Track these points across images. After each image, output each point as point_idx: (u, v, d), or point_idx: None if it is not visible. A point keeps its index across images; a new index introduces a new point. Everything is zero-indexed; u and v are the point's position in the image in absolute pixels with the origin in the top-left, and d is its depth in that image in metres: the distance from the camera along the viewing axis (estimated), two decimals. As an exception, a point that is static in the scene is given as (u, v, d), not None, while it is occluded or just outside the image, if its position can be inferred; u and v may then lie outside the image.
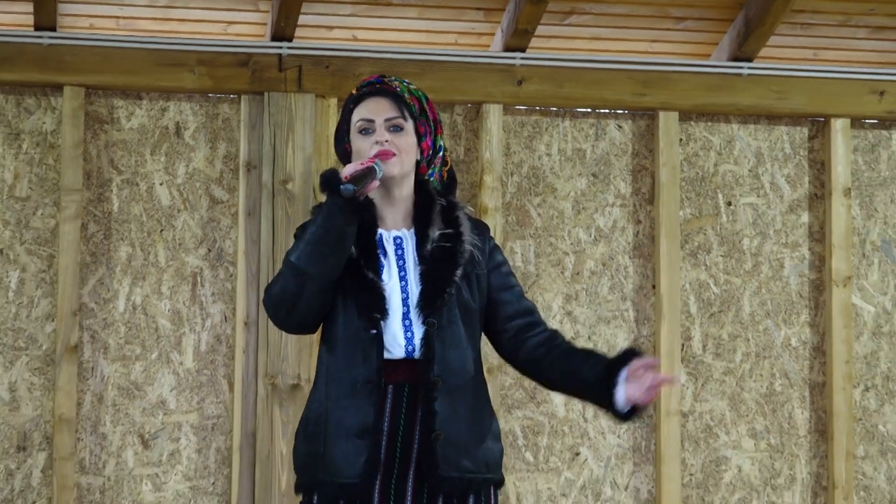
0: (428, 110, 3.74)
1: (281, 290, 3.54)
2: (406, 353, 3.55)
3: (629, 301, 5.80)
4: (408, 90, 3.73)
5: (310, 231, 3.55)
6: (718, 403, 5.80)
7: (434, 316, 3.56)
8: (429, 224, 3.66)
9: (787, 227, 5.91)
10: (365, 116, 3.65)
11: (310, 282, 3.50)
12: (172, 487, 5.44)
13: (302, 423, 3.65)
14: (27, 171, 5.47)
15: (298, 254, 3.53)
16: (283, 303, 3.54)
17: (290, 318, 3.58)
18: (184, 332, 5.50)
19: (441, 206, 3.71)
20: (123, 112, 5.54)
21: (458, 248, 3.64)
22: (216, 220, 5.55)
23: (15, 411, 5.37)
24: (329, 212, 3.50)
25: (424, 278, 3.59)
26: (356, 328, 3.56)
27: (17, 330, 5.39)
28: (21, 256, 5.42)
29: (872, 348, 5.93)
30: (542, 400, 5.70)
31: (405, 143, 3.63)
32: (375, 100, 3.67)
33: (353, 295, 3.56)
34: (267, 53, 5.56)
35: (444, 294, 3.57)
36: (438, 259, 3.61)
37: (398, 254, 3.63)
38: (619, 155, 5.84)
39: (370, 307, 3.54)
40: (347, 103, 3.73)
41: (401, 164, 3.63)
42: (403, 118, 3.65)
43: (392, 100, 3.66)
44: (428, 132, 3.74)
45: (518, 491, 5.65)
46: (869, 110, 5.94)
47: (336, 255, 3.52)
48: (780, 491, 5.82)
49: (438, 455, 3.52)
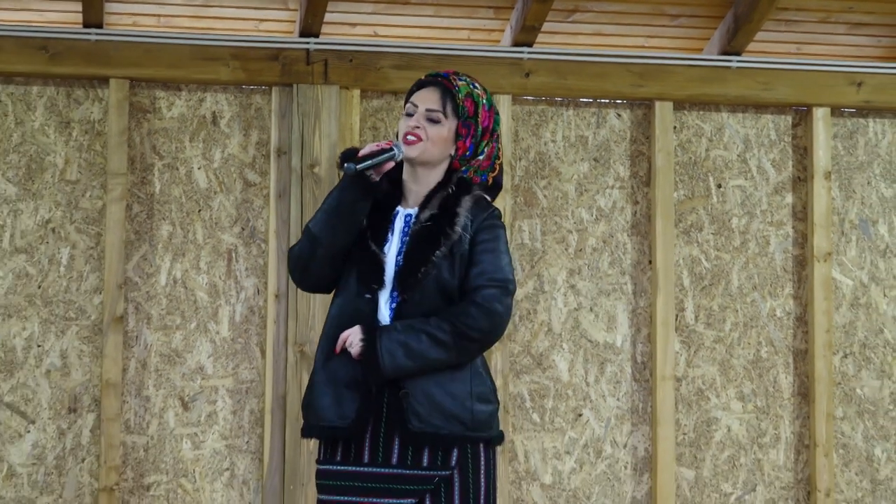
0: (480, 116, 3.77)
1: (298, 252, 3.73)
2: (389, 320, 3.67)
3: (627, 275, 5.82)
4: (468, 92, 3.77)
5: (325, 201, 3.70)
6: (709, 369, 5.83)
7: (407, 291, 3.65)
8: (427, 206, 3.73)
9: (772, 208, 5.95)
10: (413, 101, 3.76)
11: (320, 247, 3.67)
12: (210, 446, 5.51)
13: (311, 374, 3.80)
14: (77, 157, 5.51)
15: (314, 221, 3.70)
16: (299, 263, 3.73)
17: (304, 278, 3.77)
18: (220, 304, 5.56)
19: (449, 191, 3.74)
20: (164, 102, 5.58)
21: (444, 229, 3.68)
22: (249, 202, 5.61)
23: (66, 376, 5.43)
24: (342, 186, 3.66)
25: (405, 257, 3.68)
26: (354, 293, 3.69)
27: (67, 302, 5.45)
28: (71, 234, 5.48)
29: (850, 318, 5.95)
30: (548, 366, 5.72)
31: (436, 134, 3.71)
32: (429, 90, 3.77)
33: (357, 262, 3.69)
34: (295, 48, 5.59)
35: (417, 273, 3.65)
36: (420, 239, 3.68)
37: (404, 230, 3.73)
38: (619, 141, 5.87)
39: (368, 276, 3.67)
40: (412, 87, 3.82)
41: (422, 149, 3.71)
42: (444, 114, 3.73)
43: (442, 94, 3.75)
44: (470, 135, 3.76)
45: (525, 449, 5.68)
46: (848, 100, 5.96)
47: (344, 226, 3.65)
48: (766, 449, 5.84)
49: (407, 411, 3.61)
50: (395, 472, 3.63)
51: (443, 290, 3.68)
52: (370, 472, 3.64)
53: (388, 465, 3.63)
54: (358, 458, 3.65)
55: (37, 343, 5.44)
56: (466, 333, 3.63)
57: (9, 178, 5.47)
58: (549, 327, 5.78)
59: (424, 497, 3.64)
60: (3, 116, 5.49)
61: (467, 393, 3.68)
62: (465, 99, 3.76)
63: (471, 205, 3.74)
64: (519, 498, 5.68)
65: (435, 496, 3.65)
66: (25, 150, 5.50)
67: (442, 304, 3.68)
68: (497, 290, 3.68)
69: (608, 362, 5.80)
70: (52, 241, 5.49)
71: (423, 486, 3.63)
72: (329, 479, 3.68)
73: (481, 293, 3.65)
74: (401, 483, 3.63)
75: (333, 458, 3.68)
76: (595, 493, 5.74)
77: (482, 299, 3.65)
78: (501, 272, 3.71)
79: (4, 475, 5.39)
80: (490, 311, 3.65)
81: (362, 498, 3.63)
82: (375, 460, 3.63)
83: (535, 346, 5.75)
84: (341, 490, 3.65)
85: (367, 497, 3.63)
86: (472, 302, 3.65)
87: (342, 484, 3.65)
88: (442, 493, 3.65)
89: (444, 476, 3.64)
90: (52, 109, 5.54)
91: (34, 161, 5.50)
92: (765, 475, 5.87)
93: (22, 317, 5.44)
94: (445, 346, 3.62)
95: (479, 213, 3.74)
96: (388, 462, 3.63)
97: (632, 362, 5.81)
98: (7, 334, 5.42)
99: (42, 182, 5.50)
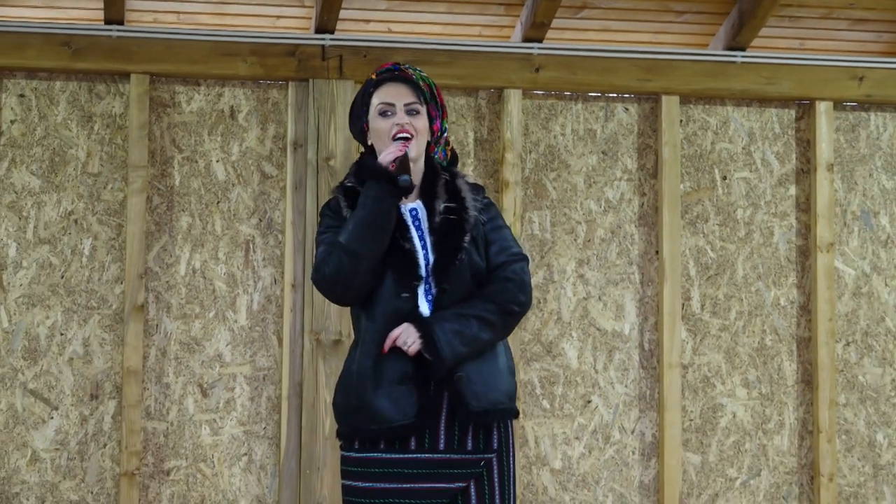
0: (437, 96, 3.87)
1: (335, 271, 3.64)
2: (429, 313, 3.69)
3: (635, 265, 5.83)
4: (421, 78, 3.84)
5: (358, 215, 3.65)
6: (715, 356, 5.85)
7: (446, 281, 3.70)
8: (434, 197, 3.77)
9: (776, 199, 5.96)
10: (385, 100, 3.77)
11: (364, 261, 3.63)
12: (228, 431, 5.52)
13: (340, 380, 3.78)
14: (98, 150, 5.53)
15: (349, 236, 3.63)
16: (340, 282, 3.65)
17: (347, 294, 3.69)
18: (238, 294, 5.57)
19: (445, 179, 3.80)
20: (184, 97, 5.60)
21: (463, 216, 3.75)
22: (266, 194, 5.62)
23: (88, 364, 5.45)
24: (379, 196, 3.63)
25: (437, 248, 3.71)
26: (392, 293, 3.68)
27: (89, 291, 5.48)
28: (93, 226, 5.51)
29: (853, 307, 5.97)
30: (558, 354, 5.74)
31: (421, 125, 3.78)
32: (395, 85, 3.79)
33: (390, 263, 3.68)
34: (311, 44, 5.60)
35: (454, 262, 3.70)
36: (447, 230, 3.72)
37: (416, 225, 3.76)
38: (626, 134, 5.88)
39: (406, 274, 3.68)
40: (367, 87, 3.81)
41: (418, 145, 3.77)
42: (420, 103, 3.79)
43: (410, 86, 3.80)
44: (437, 116, 3.85)
45: (536, 434, 5.70)
46: (850, 94, 5.96)
47: (384, 235, 3.65)
48: (771, 435, 5.85)
49: (466, 393, 3.65)
50: (444, 458, 3.66)
51: (475, 274, 3.75)
52: (420, 458, 3.66)
53: (437, 451, 3.66)
54: (404, 446, 3.66)
55: (60, 331, 5.48)
56: (510, 309, 3.72)
57: (32, 171, 5.52)
58: (559, 316, 5.81)
59: (470, 481, 3.69)
60: (27, 111, 5.53)
61: (505, 366, 3.78)
62: (423, 84, 3.83)
63: (468, 188, 3.83)
64: (529, 482, 5.71)
65: (478, 480, 3.71)
66: (49, 143, 5.54)
67: (475, 288, 3.74)
68: (522, 263, 3.81)
69: (616, 350, 5.83)
70: (75, 233, 5.51)
71: (471, 470, 3.68)
72: (371, 467, 3.68)
73: (510, 269, 3.76)
74: (450, 467, 3.67)
75: (376, 447, 3.68)
76: (604, 478, 5.77)
77: (513, 274, 3.76)
78: (516, 245, 3.84)
79: (28, 460, 5.43)
80: (523, 283, 3.77)
81: (412, 484, 3.66)
82: (422, 447, 3.66)
83: (545, 334, 5.79)
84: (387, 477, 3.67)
85: (419, 483, 3.66)
86: (506, 279, 3.74)
87: (388, 471, 3.66)
88: (484, 476, 3.70)
89: (488, 459, 3.70)
90: (75, 104, 5.57)
91: (57, 154, 5.54)
92: (769, 460, 5.89)
93: (45, 306, 5.47)
94: (494, 326, 3.70)
95: (476, 194, 3.82)
96: (435, 448, 3.66)
97: (639, 350, 5.83)
98: (31, 323, 5.45)
99: (65, 175, 5.54)
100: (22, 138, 5.53)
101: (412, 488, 3.64)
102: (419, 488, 3.64)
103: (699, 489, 5.84)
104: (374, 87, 3.80)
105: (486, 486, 3.69)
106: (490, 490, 3.70)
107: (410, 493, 3.64)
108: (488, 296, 3.72)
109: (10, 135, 5.52)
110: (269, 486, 5.54)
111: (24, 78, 5.54)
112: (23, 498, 5.42)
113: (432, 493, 3.66)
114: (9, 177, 5.51)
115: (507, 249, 3.80)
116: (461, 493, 3.67)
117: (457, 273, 3.71)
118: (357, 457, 3.70)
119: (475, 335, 3.66)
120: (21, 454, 5.44)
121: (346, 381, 3.75)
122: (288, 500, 5.49)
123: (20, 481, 5.42)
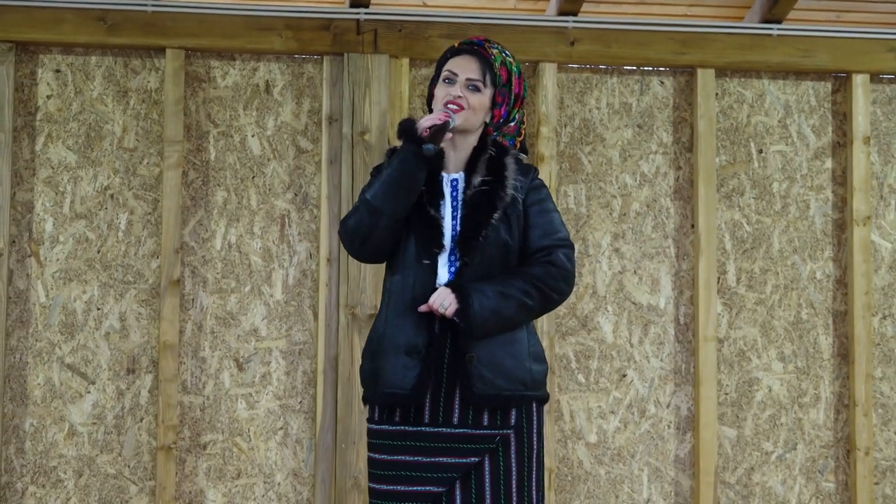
0: (514, 84, 3.86)
1: (356, 224, 3.71)
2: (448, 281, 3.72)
3: (671, 239, 5.83)
4: (502, 61, 3.84)
5: (385, 173, 3.70)
6: (751, 330, 5.85)
7: (469, 255, 3.71)
8: (474, 171, 3.79)
9: (812, 172, 5.95)
10: (452, 69, 3.82)
11: (383, 218, 3.68)
12: (264, 406, 5.55)
13: (367, 342, 3.83)
14: (134, 125, 5.55)
15: (374, 192, 3.69)
16: (358, 235, 3.72)
17: (363, 249, 3.76)
18: (273, 268, 5.59)
19: (490, 155, 3.81)
20: (219, 72, 5.62)
21: (498, 192, 3.75)
22: (302, 168, 5.63)
23: (125, 338, 5.49)
24: (404, 158, 3.67)
25: (464, 221, 3.73)
26: (414, 258, 3.73)
27: (126, 266, 5.51)
28: (129, 200, 5.54)
29: (889, 281, 5.96)
30: (593, 328, 5.75)
31: (477, 101, 3.79)
32: (466, 58, 3.84)
33: (416, 228, 3.73)
34: (346, 19, 5.61)
35: (478, 237, 3.71)
36: (477, 204, 3.74)
37: (453, 195, 3.79)
38: (662, 108, 5.88)
39: (429, 241, 3.72)
40: (446, 54, 3.88)
41: (465, 117, 3.78)
42: (483, 83, 3.80)
43: (481, 63, 3.82)
44: (505, 103, 3.87)
45: (571, 409, 5.71)
46: (886, 66, 5.94)
47: (407, 196, 3.68)
48: (807, 409, 5.85)
49: (473, 375, 3.67)
50: (458, 432, 3.67)
51: (501, 251, 3.77)
52: (433, 431, 3.67)
53: (450, 425, 3.67)
54: (418, 419, 3.68)
55: (96, 306, 5.51)
56: (551, 296, 3.74)
57: (69, 146, 5.54)
58: (594, 290, 5.81)
59: (484, 456, 3.69)
60: (63, 86, 5.55)
61: (526, 353, 3.77)
62: (500, 67, 3.84)
63: (515, 167, 3.82)
64: (565, 456, 5.73)
65: (493, 455, 3.70)
66: (85, 118, 5.57)
67: (500, 265, 3.75)
68: (568, 250, 3.80)
69: (651, 324, 5.84)
70: (111, 207, 5.55)
71: (485, 445, 3.68)
72: (387, 439, 3.70)
73: (555, 254, 3.77)
74: (463, 442, 3.67)
75: (392, 419, 3.71)
76: (639, 452, 5.79)
77: (559, 261, 3.76)
78: (563, 231, 3.82)
79: (66, 434, 5.47)
80: (567, 271, 3.76)
81: (424, 457, 3.67)
82: (436, 420, 3.67)
83: (581, 308, 5.79)
84: (401, 450, 3.68)
85: (431, 456, 3.67)
86: (550, 263, 3.75)
87: (403, 444, 3.68)
88: (500, 452, 3.70)
89: (504, 435, 3.70)
90: (111, 79, 5.59)
91: (93, 129, 5.56)
92: (805, 434, 5.89)
93: (82, 280, 5.51)
94: (530, 311, 3.72)
95: (524, 174, 3.83)
96: (449, 422, 3.67)
97: (675, 324, 5.83)
98: (68, 297, 5.49)
99: (101, 150, 5.56)
100: (58, 113, 5.55)
101: (425, 461, 3.66)
102: (432, 462, 3.66)
103: (735, 463, 5.85)
104: (451, 55, 3.85)
105: (502, 462, 3.70)
106: (506, 466, 3.71)
107: (423, 467, 3.67)
108: (531, 278, 3.72)
109: (47, 110, 5.55)
110: (305, 460, 5.57)
111: (60, 53, 5.56)
112: (60, 472, 5.47)
113: (445, 467, 3.67)
114: (45, 152, 5.54)
115: (554, 234, 3.80)
116: (475, 468, 3.68)
117: (480, 248, 3.72)
118: (375, 428, 3.73)
119: (510, 317, 3.69)
120: (59, 428, 5.47)
121: (370, 345, 3.81)
122: (324, 474, 5.52)
123: (58, 455, 5.47)
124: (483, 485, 3.68)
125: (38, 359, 5.47)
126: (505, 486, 3.68)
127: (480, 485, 3.68)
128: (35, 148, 5.53)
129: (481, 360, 3.67)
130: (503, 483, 3.69)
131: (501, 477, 3.69)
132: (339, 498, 5.49)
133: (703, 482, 5.71)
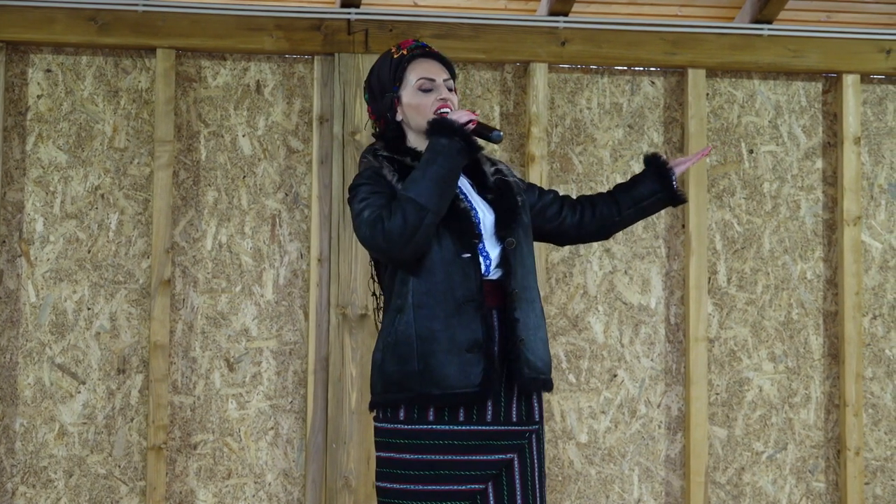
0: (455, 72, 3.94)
1: (401, 225, 3.62)
2: (484, 272, 3.71)
3: (661, 239, 5.82)
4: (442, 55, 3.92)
5: (429, 171, 3.64)
6: (741, 330, 5.85)
7: (512, 236, 3.75)
8: (477, 161, 3.85)
9: (802, 173, 5.94)
10: (426, 76, 3.82)
11: (430, 215, 3.63)
12: (254, 405, 5.54)
13: (389, 346, 3.72)
14: (125, 125, 5.53)
15: (419, 191, 3.62)
16: (404, 235, 3.63)
17: (406, 249, 3.64)
18: (264, 268, 5.57)
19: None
20: (210, 71, 5.61)
21: (508, 178, 3.87)
22: (292, 168, 5.62)
23: (115, 338, 5.46)
24: (449, 153, 3.64)
25: (496, 205, 3.79)
26: (453, 253, 3.69)
27: (116, 266, 5.49)
28: (120, 200, 5.52)
29: (880, 281, 5.96)
30: (583, 328, 5.73)
31: (457, 100, 3.84)
32: (430, 62, 3.85)
33: (448, 224, 3.70)
34: (337, 19, 5.59)
35: (518, 217, 3.79)
36: (504, 188, 3.83)
37: (460, 188, 3.79)
38: (652, 108, 5.87)
39: (466, 233, 3.71)
40: (400, 62, 3.83)
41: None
42: (453, 80, 3.85)
43: (443, 63, 3.86)
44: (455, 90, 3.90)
45: (562, 409, 5.71)
46: (877, 67, 5.93)
47: (451, 192, 3.67)
48: (797, 408, 5.85)
49: (522, 359, 3.68)
50: (491, 429, 3.68)
51: (526, 231, 3.85)
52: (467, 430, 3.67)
53: (484, 423, 3.68)
54: (453, 418, 3.67)
55: (87, 306, 5.50)
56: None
57: (59, 146, 5.53)
58: (585, 290, 5.80)
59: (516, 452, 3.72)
60: (54, 86, 5.54)
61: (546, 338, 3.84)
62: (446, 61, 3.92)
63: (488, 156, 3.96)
64: (556, 456, 5.72)
65: (521, 453, 3.73)
66: (75, 118, 5.55)
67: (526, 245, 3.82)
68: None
69: (642, 324, 5.83)
70: (102, 207, 5.54)
71: (518, 441, 3.71)
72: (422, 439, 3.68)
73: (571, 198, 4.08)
74: (497, 439, 3.68)
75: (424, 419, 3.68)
76: (630, 452, 5.78)
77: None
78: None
79: (56, 434, 5.45)
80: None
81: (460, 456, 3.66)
82: (471, 419, 3.67)
83: (571, 308, 5.79)
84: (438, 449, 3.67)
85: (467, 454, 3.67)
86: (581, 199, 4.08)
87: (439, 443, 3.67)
88: (526, 449, 3.73)
89: (532, 431, 3.73)
90: (101, 79, 5.57)
91: (84, 129, 5.55)
92: (795, 434, 5.89)
93: (73, 280, 5.49)
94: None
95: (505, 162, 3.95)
96: (482, 419, 3.67)
97: (665, 324, 5.83)
98: (58, 297, 5.47)
99: (91, 149, 5.54)
100: (49, 113, 5.54)
101: (461, 460, 3.65)
102: (468, 460, 3.65)
103: (725, 463, 5.85)
104: (408, 63, 3.84)
105: (528, 459, 3.73)
106: (531, 463, 3.73)
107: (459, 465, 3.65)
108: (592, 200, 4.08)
109: (37, 110, 5.53)
110: (296, 460, 5.57)
111: (51, 53, 5.54)
112: (51, 472, 5.45)
113: (481, 465, 3.67)
114: (35, 152, 5.52)
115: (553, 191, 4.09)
116: (506, 466, 3.70)
117: (518, 229, 3.79)
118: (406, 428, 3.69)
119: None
120: (49, 428, 5.46)
121: (402, 347, 3.71)
122: (314, 474, 5.51)
123: (48, 455, 5.45)
124: (513, 481, 3.70)
125: (28, 359, 5.46)
126: (531, 482, 3.72)
127: (511, 481, 3.70)
128: (25, 148, 5.51)
129: (527, 344, 3.70)
130: (530, 479, 3.72)
131: (528, 473, 3.72)
132: (330, 498, 5.48)
133: (693, 482, 5.71)
